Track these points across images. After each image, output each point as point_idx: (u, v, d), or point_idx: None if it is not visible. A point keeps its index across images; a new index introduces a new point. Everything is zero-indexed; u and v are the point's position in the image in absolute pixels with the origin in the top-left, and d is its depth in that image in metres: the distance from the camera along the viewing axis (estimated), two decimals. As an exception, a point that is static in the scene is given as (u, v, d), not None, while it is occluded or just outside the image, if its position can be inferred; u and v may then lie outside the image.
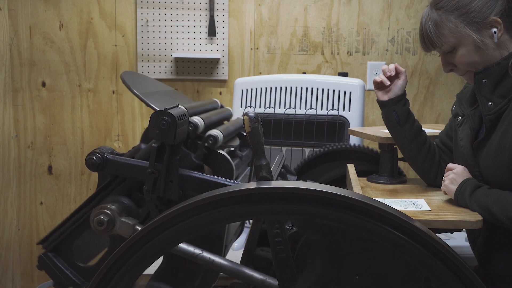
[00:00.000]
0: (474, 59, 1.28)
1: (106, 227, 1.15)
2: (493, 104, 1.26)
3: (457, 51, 1.29)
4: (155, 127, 1.13)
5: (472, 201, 1.22)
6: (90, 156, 1.19)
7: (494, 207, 1.19)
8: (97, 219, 1.15)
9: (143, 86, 1.44)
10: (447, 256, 0.91)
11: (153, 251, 0.99)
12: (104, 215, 1.15)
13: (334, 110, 2.03)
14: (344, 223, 0.94)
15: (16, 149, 2.55)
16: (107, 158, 1.20)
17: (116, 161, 1.20)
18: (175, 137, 1.13)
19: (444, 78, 2.54)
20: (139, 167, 1.19)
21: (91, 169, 1.20)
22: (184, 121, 1.18)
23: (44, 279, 2.57)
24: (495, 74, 1.25)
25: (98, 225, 1.15)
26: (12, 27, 2.49)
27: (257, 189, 0.96)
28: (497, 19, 1.23)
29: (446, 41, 1.29)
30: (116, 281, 1.00)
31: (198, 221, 0.97)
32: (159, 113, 1.13)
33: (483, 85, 1.27)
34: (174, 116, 1.13)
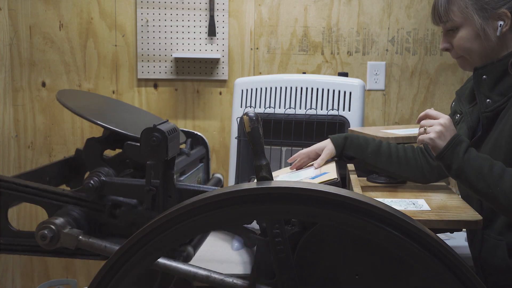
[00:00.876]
0: (471, 46, 1.26)
1: (50, 241, 1.16)
2: (492, 101, 1.25)
3: (458, 32, 1.27)
4: (146, 145, 1.15)
5: (465, 161, 1.14)
6: (88, 181, 1.21)
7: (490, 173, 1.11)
8: (41, 234, 1.17)
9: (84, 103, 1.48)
10: (447, 256, 0.91)
11: (152, 252, 0.99)
12: (48, 230, 1.17)
13: (334, 110, 2.03)
14: (344, 223, 0.94)
15: (16, 149, 2.55)
16: (104, 181, 1.22)
17: (113, 183, 1.22)
18: (167, 152, 1.15)
19: (444, 78, 2.54)
20: (136, 186, 1.20)
21: (89, 193, 1.22)
22: (175, 135, 1.20)
23: (44, 279, 2.57)
24: (495, 71, 1.24)
25: (41, 239, 1.17)
26: (12, 27, 2.49)
27: (257, 189, 0.96)
28: (507, 13, 1.22)
29: (451, 18, 1.27)
30: (116, 281, 1.00)
31: (199, 221, 0.97)
32: (149, 130, 1.15)
33: (483, 81, 1.26)
34: (164, 132, 1.15)
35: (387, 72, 2.54)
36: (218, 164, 2.58)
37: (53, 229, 1.16)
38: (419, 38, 2.52)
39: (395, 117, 2.57)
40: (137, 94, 2.54)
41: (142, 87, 2.54)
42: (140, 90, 2.54)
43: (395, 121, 2.57)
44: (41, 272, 2.60)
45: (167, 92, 2.54)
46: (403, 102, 2.55)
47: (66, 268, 2.60)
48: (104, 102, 1.65)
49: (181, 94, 2.55)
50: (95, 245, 1.17)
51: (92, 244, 1.17)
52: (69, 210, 1.23)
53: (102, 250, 1.17)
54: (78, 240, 1.16)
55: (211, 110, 2.55)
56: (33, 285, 2.59)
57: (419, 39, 2.52)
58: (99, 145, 1.37)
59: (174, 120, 2.55)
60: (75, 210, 1.24)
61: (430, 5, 2.50)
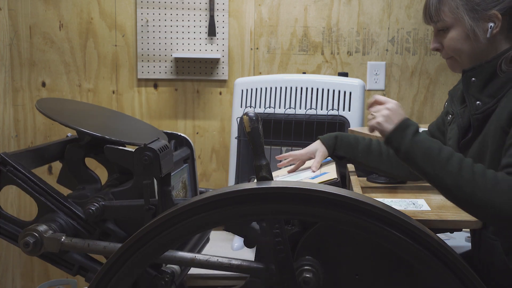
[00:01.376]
0: (461, 47, 1.26)
1: (33, 248, 1.17)
2: (481, 103, 1.24)
3: (449, 32, 1.27)
4: (139, 165, 1.15)
5: (414, 143, 1.12)
6: (89, 207, 1.21)
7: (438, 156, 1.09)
8: (23, 242, 1.17)
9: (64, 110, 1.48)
10: (447, 256, 0.91)
11: (152, 252, 0.99)
12: (30, 237, 1.17)
13: (334, 110, 2.03)
14: (344, 223, 0.94)
15: (16, 149, 2.55)
16: (104, 205, 1.23)
17: (113, 206, 1.23)
18: (161, 170, 1.15)
19: (444, 78, 2.54)
20: (135, 206, 1.21)
21: (91, 219, 1.22)
22: (167, 152, 1.20)
23: (44, 279, 2.57)
24: (484, 73, 1.24)
25: (24, 247, 1.17)
26: (12, 27, 2.49)
27: (256, 189, 0.96)
28: (498, 14, 1.21)
29: (442, 18, 1.26)
30: (117, 281, 1.00)
31: (198, 221, 0.97)
32: (140, 150, 1.15)
33: (472, 84, 1.26)
34: (155, 150, 1.15)
35: (387, 72, 2.54)
36: (218, 164, 2.58)
37: (36, 236, 1.17)
38: (419, 38, 2.52)
39: (395, 117, 2.56)
40: (137, 94, 2.54)
41: (142, 87, 2.54)
42: (140, 90, 2.54)
43: (395, 121, 2.56)
44: (41, 272, 2.60)
45: (167, 92, 2.54)
46: (403, 102, 2.55)
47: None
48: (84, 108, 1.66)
49: (181, 94, 2.55)
50: (78, 245, 1.17)
51: (75, 245, 1.17)
52: (57, 216, 1.24)
53: (86, 249, 1.18)
54: (61, 243, 1.17)
55: (211, 110, 2.55)
56: (33, 285, 2.59)
57: (419, 39, 2.52)
58: (81, 151, 1.38)
59: (174, 120, 2.55)
60: (64, 218, 1.24)
61: (430, 5, 2.50)
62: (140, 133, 1.56)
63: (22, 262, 2.59)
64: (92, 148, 1.42)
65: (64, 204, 1.26)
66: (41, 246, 1.17)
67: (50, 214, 1.25)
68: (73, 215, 1.25)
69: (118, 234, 1.24)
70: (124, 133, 1.48)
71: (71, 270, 1.27)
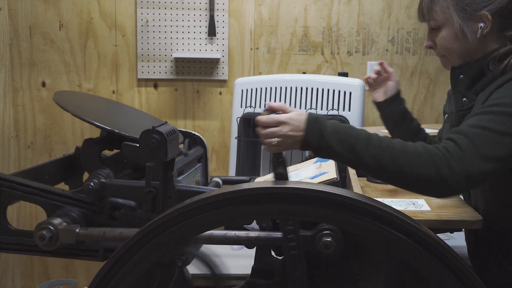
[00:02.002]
0: (452, 46, 1.26)
1: (49, 241, 1.16)
2: (468, 100, 1.25)
3: (440, 31, 1.27)
4: (145, 147, 1.15)
5: (332, 135, 1.05)
6: (88, 183, 1.21)
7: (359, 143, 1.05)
8: (39, 235, 1.17)
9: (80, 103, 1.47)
10: (447, 256, 0.91)
11: (153, 252, 0.99)
12: (46, 230, 1.16)
13: (334, 110, 2.03)
14: (344, 223, 0.94)
15: (16, 149, 2.55)
16: (104, 183, 1.22)
17: (113, 185, 1.22)
18: (166, 153, 1.15)
19: (444, 78, 2.54)
20: (136, 187, 1.21)
21: (90, 196, 1.22)
22: (174, 137, 1.20)
23: (44, 279, 2.57)
24: (472, 71, 1.24)
25: (40, 240, 1.17)
26: (12, 27, 2.49)
27: (256, 189, 0.96)
28: (488, 15, 1.21)
29: (434, 18, 1.27)
30: (116, 281, 1.00)
31: (198, 221, 0.97)
32: (148, 132, 1.15)
33: (460, 81, 1.27)
34: (163, 134, 1.15)
35: (387, 72, 2.54)
36: (218, 164, 2.58)
37: (51, 229, 1.16)
38: (419, 38, 2.52)
39: (395, 117, 2.56)
40: (137, 94, 2.54)
41: (142, 87, 2.54)
42: (140, 90, 2.54)
43: (395, 121, 2.56)
44: (41, 272, 2.60)
45: (167, 92, 2.54)
46: (403, 102, 2.55)
47: (66, 268, 2.60)
48: (102, 103, 1.65)
49: (181, 94, 2.55)
50: (94, 233, 1.17)
51: (91, 233, 1.17)
52: (68, 210, 1.23)
53: (102, 236, 1.17)
54: (76, 234, 1.16)
55: (211, 110, 2.55)
56: (33, 285, 2.59)
57: (419, 39, 2.52)
58: (97, 146, 1.37)
59: (174, 120, 2.55)
60: (74, 211, 1.24)
61: (430, 5, 2.50)
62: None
63: (22, 262, 2.59)
64: (107, 144, 1.41)
65: (68, 196, 1.25)
66: (57, 239, 1.17)
67: (58, 211, 1.24)
68: (79, 202, 1.24)
69: (128, 204, 1.22)
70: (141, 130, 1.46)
71: (97, 256, 1.26)
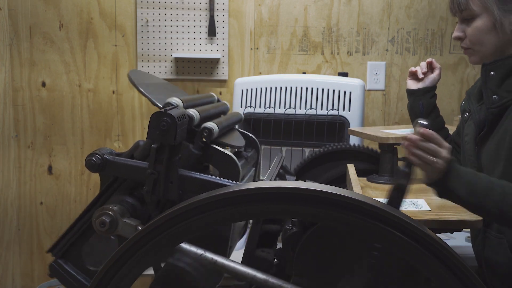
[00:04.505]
0: (484, 38, 1.25)
1: (109, 228, 1.14)
2: (498, 97, 1.24)
3: (474, 22, 1.26)
4: (155, 128, 1.13)
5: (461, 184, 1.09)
6: (90, 157, 1.19)
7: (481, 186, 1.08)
8: (100, 220, 1.14)
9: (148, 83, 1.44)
10: (447, 256, 0.91)
11: (152, 252, 0.99)
12: (106, 216, 1.14)
13: (334, 110, 2.03)
14: (344, 223, 0.94)
15: (16, 149, 2.55)
16: (107, 159, 1.20)
17: (116, 162, 1.20)
18: (175, 137, 1.13)
19: (444, 78, 2.54)
20: (139, 168, 1.18)
21: (91, 170, 1.20)
22: (184, 122, 1.18)
23: (44, 279, 2.57)
24: (504, 67, 1.23)
25: (100, 226, 1.15)
26: (12, 27, 2.49)
27: (255, 189, 0.96)
28: None
29: (470, 7, 1.25)
30: (116, 281, 1.00)
31: (200, 221, 0.97)
32: (159, 114, 1.13)
33: (491, 77, 1.25)
34: (174, 117, 1.13)
35: (387, 72, 2.54)
36: (218, 164, 2.58)
37: (112, 216, 1.15)
38: (419, 38, 2.52)
39: (395, 117, 2.57)
40: (137, 94, 2.54)
41: (142, 87, 2.54)
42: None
43: (395, 121, 2.57)
44: (41, 272, 2.60)
45: (167, 92, 2.54)
46: (403, 102, 2.55)
47: (66, 268, 2.60)
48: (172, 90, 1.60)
49: (181, 94, 2.55)
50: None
51: None
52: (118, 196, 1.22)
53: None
54: (136, 230, 1.15)
55: (211, 110, 2.55)
56: (33, 285, 2.59)
57: (419, 39, 2.52)
58: None
59: (174, 120, 2.54)
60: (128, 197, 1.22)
61: (430, 5, 2.50)
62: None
63: (22, 262, 2.59)
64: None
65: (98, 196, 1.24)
66: (116, 227, 1.15)
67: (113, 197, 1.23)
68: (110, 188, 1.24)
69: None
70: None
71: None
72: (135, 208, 1.21)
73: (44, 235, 2.60)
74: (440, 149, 1.07)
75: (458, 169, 1.10)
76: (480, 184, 1.08)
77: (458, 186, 1.07)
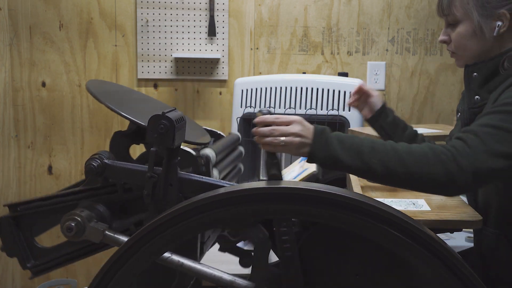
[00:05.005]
0: (467, 43, 1.27)
1: (76, 233, 1.16)
2: (480, 98, 1.26)
3: (457, 27, 1.28)
4: (153, 131, 1.14)
5: (338, 145, 1.06)
6: (90, 162, 1.20)
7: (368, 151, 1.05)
8: (66, 225, 1.16)
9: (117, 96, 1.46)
10: (447, 256, 0.91)
11: (152, 252, 0.99)
12: (73, 221, 1.16)
13: (334, 110, 2.03)
14: (344, 223, 0.94)
15: (16, 149, 2.55)
16: (106, 164, 1.21)
17: (115, 166, 1.21)
18: (173, 140, 1.14)
19: (444, 78, 2.54)
20: (138, 171, 1.19)
21: (90, 174, 1.21)
22: (181, 124, 1.19)
23: (44, 279, 2.57)
24: (486, 69, 1.24)
25: (67, 231, 1.16)
26: (12, 27, 2.49)
27: (256, 189, 0.96)
28: (507, 14, 1.21)
29: (453, 12, 1.27)
30: (116, 281, 1.00)
31: (197, 222, 0.97)
32: (157, 117, 1.14)
33: (473, 78, 1.27)
34: (172, 120, 1.13)
35: (387, 72, 2.54)
36: (218, 164, 2.58)
37: (79, 221, 1.16)
38: (419, 38, 2.52)
39: (395, 117, 2.57)
40: (137, 94, 2.54)
41: (142, 87, 2.54)
42: (140, 90, 2.54)
43: (395, 121, 2.57)
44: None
45: (167, 92, 2.54)
46: (403, 102, 2.55)
47: (66, 268, 2.60)
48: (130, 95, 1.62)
49: (181, 94, 2.55)
50: (120, 241, 1.16)
51: (117, 240, 1.16)
52: (91, 203, 1.23)
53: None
54: (103, 235, 1.16)
55: (211, 110, 2.55)
56: (33, 285, 2.59)
57: (419, 39, 2.52)
58: (126, 139, 1.35)
59: (174, 120, 2.55)
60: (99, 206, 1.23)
61: (430, 5, 2.50)
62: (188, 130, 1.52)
63: (22, 262, 2.59)
64: (137, 137, 1.39)
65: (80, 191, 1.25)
66: (83, 233, 1.16)
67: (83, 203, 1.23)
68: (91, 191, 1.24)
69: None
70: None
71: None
72: (103, 217, 1.22)
73: (44, 235, 2.59)
74: (285, 128, 1.07)
75: (337, 135, 1.08)
76: (363, 145, 1.07)
77: (340, 150, 1.06)
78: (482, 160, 1.04)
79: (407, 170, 1.04)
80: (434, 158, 1.03)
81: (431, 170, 1.03)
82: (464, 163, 1.03)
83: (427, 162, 1.03)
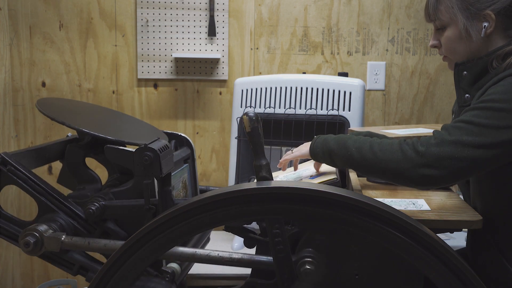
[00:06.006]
0: (456, 46, 1.28)
1: (33, 248, 1.17)
2: (470, 96, 1.27)
3: (445, 31, 1.29)
4: (139, 165, 1.16)
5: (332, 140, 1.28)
6: (88, 207, 1.22)
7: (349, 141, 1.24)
8: (24, 241, 1.18)
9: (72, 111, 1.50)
10: (447, 256, 0.91)
11: (152, 252, 0.99)
12: (31, 236, 1.17)
13: (334, 110, 2.03)
14: (344, 223, 0.94)
15: (16, 149, 2.55)
16: (105, 205, 1.23)
17: (114, 206, 1.23)
18: (161, 170, 1.16)
19: (444, 78, 2.54)
20: (136, 206, 1.22)
21: (91, 218, 1.23)
22: (167, 152, 1.21)
23: (44, 279, 2.57)
24: (476, 68, 1.25)
25: (25, 246, 1.18)
26: (12, 27, 2.49)
27: (256, 189, 0.96)
28: (492, 14, 1.22)
29: (439, 17, 1.28)
30: (116, 282, 1.00)
31: (197, 222, 0.97)
32: (140, 150, 1.16)
33: (463, 77, 1.28)
34: (156, 150, 1.16)
35: (387, 72, 2.54)
36: (218, 164, 2.58)
37: (36, 235, 1.17)
38: (419, 38, 2.52)
39: (395, 117, 2.57)
40: (137, 94, 2.54)
41: (142, 87, 2.54)
42: (140, 90, 2.54)
43: (395, 121, 2.57)
44: (41, 272, 2.60)
45: (167, 92, 2.55)
46: (403, 102, 2.55)
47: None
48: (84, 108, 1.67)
49: (181, 94, 2.55)
50: (79, 243, 1.18)
51: (76, 243, 1.18)
52: (57, 216, 1.24)
53: (86, 247, 1.18)
54: (61, 242, 1.17)
55: (211, 110, 2.55)
56: (33, 285, 2.59)
57: (419, 39, 2.52)
58: (81, 151, 1.38)
59: (174, 120, 2.55)
60: (63, 218, 1.25)
61: (430, 5, 2.50)
62: (140, 133, 1.57)
63: (22, 262, 2.59)
64: (93, 148, 1.42)
65: (64, 203, 1.26)
66: (42, 246, 1.18)
67: (50, 214, 1.25)
68: (74, 214, 1.25)
69: (118, 234, 1.25)
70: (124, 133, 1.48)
71: (72, 269, 1.28)
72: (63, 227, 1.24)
73: (44, 235, 2.60)
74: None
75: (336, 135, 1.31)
76: (350, 138, 1.26)
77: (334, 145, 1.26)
78: (446, 149, 1.11)
79: (375, 156, 1.17)
80: (397, 146, 1.16)
81: (393, 156, 1.14)
82: (421, 149, 1.12)
83: (390, 149, 1.16)
